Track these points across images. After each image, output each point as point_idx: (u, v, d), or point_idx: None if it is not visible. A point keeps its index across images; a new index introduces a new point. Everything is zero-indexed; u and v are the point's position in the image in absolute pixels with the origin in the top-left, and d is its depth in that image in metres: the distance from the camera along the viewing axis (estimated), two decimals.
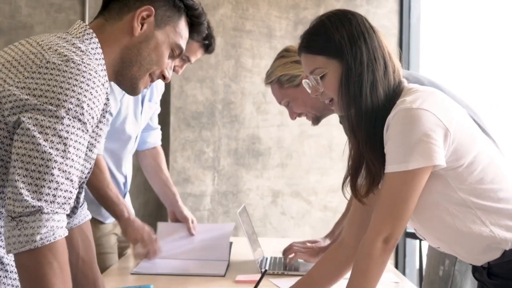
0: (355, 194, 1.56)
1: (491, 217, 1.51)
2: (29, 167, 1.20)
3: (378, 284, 1.52)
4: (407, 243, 3.72)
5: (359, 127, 1.52)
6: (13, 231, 1.19)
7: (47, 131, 1.22)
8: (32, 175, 1.20)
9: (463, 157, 1.49)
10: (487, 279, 1.56)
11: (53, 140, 1.22)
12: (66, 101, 1.24)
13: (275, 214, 3.75)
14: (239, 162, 3.73)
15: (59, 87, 1.24)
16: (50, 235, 1.20)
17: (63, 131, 1.23)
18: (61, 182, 1.22)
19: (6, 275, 1.31)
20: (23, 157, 1.21)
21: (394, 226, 1.47)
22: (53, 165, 1.21)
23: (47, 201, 1.20)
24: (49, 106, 1.23)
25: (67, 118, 1.24)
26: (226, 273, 2.13)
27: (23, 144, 1.21)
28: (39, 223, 1.19)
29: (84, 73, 1.27)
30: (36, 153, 1.21)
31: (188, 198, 3.62)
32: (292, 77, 2.14)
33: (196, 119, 3.69)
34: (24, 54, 1.30)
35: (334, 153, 3.72)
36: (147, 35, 1.41)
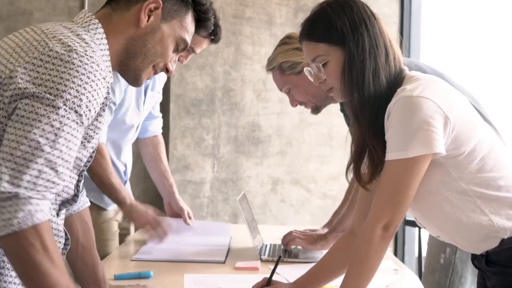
0: (359, 180, 1.57)
1: (491, 206, 1.51)
2: (14, 153, 1.20)
3: (377, 271, 1.53)
4: (407, 231, 3.73)
5: (362, 114, 1.52)
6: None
7: (40, 118, 1.21)
8: (16, 161, 1.20)
9: (463, 145, 1.49)
10: (486, 266, 1.57)
11: (45, 128, 1.22)
12: (65, 92, 1.24)
13: (275, 201, 3.75)
14: (239, 149, 3.73)
15: (60, 77, 1.24)
16: (28, 219, 1.20)
17: (57, 121, 1.23)
18: (44, 171, 1.22)
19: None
20: (12, 142, 1.21)
21: (394, 213, 1.47)
22: (39, 154, 1.21)
23: (26, 188, 1.20)
24: (47, 95, 1.23)
25: (63, 109, 1.23)
26: (226, 260, 2.14)
27: (15, 130, 1.21)
28: (15, 207, 1.19)
29: (86, 65, 1.27)
30: (24, 139, 1.20)
31: (187, 185, 3.62)
32: (293, 64, 2.13)
33: (196, 107, 3.68)
34: (28, 41, 1.30)
35: (334, 141, 3.72)
36: (153, 27, 1.42)
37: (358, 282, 1.52)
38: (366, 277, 1.51)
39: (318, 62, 1.56)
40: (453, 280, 2.26)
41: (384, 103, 1.50)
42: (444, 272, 2.27)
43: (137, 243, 2.37)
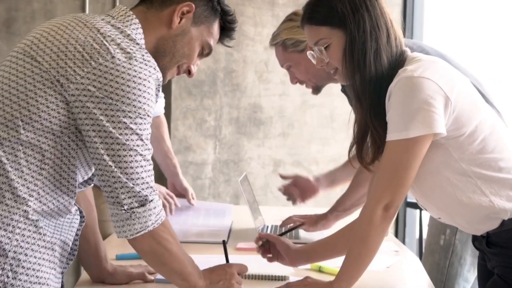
0: (361, 161, 1.58)
1: (492, 187, 1.51)
2: (122, 165, 1.36)
3: (378, 253, 1.54)
4: (408, 213, 3.74)
5: (364, 95, 1.53)
6: (127, 221, 1.38)
7: (126, 131, 1.36)
8: (127, 171, 1.36)
9: (464, 126, 1.49)
10: (486, 247, 1.57)
11: (133, 138, 1.37)
12: (135, 100, 1.35)
13: (276, 183, 3.75)
14: (241, 131, 3.73)
15: (127, 85, 1.34)
16: (158, 218, 1.41)
17: (138, 129, 1.37)
18: (148, 169, 1.39)
19: (40, 238, 1.38)
20: (114, 157, 1.36)
21: (395, 194, 1.48)
22: (140, 159, 1.38)
23: (147, 189, 1.38)
24: (123, 107, 1.34)
25: (139, 117, 1.36)
26: (228, 241, 2.15)
27: (109, 145, 1.36)
28: (149, 212, 1.39)
29: (145, 71, 1.37)
30: (124, 151, 1.36)
31: (189, 167, 3.63)
32: (297, 42, 2.13)
33: (197, 88, 3.68)
34: (87, 41, 1.36)
35: (335, 123, 3.72)
36: (184, 30, 1.49)
37: (358, 263, 1.53)
38: (366, 257, 1.52)
39: (320, 45, 1.57)
40: (452, 261, 2.27)
41: (385, 84, 1.51)
42: (444, 253, 2.28)
43: None
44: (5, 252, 1.32)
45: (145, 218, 1.38)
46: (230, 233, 2.27)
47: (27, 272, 1.35)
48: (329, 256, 1.74)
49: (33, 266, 1.36)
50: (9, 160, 1.34)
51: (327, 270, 1.77)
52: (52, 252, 1.40)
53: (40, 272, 1.37)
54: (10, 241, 1.33)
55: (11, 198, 1.34)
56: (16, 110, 1.35)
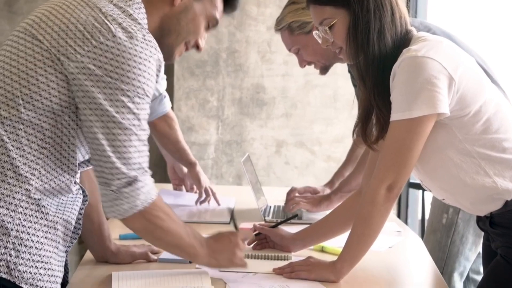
0: (365, 140, 1.58)
1: (495, 168, 1.51)
2: (115, 144, 1.36)
3: (380, 233, 1.54)
4: (410, 194, 3.75)
5: (367, 75, 1.53)
6: (116, 201, 1.38)
7: (123, 110, 1.35)
8: (119, 150, 1.36)
9: (468, 107, 1.49)
10: (490, 228, 1.57)
11: (129, 117, 1.36)
12: (135, 79, 1.35)
13: (279, 163, 3.76)
14: (243, 111, 3.72)
15: (127, 64, 1.34)
16: (148, 197, 1.40)
17: (135, 109, 1.36)
18: (142, 150, 1.39)
19: (42, 217, 1.38)
20: (108, 135, 1.35)
21: (398, 174, 1.48)
22: (134, 138, 1.37)
23: (137, 169, 1.38)
24: (122, 85, 1.34)
25: (137, 97, 1.36)
26: (230, 221, 2.16)
27: (104, 123, 1.35)
28: (137, 191, 1.38)
29: (146, 50, 1.36)
30: (119, 130, 1.35)
31: (192, 147, 3.63)
32: (303, 23, 2.11)
33: (200, 68, 3.66)
34: (88, 20, 1.36)
35: (339, 103, 3.71)
36: (186, 6, 1.48)
37: (361, 243, 1.53)
38: (369, 237, 1.52)
39: (325, 25, 1.57)
40: (454, 240, 2.28)
41: (390, 64, 1.50)
42: (446, 232, 2.29)
43: None
44: (8, 230, 1.33)
45: (133, 198, 1.38)
46: (233, 213, 2.27)
47: (29, 250, 1.35)
48: (325, 238, 1.75)
49: (36, 244, 1.37)
50: (10, 139, 1.35)
51: (330, 250, 1.77)
52: (54, 231, 1.41)
53: (42, 250, 1.38)
54: (12, 220, 1.34)
55: (13, 176, 1.35)
56: (17, 89, 1.35)
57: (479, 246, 2.28)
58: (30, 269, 1.35)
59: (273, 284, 1.51)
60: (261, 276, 1.58)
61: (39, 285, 1.37)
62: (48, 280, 1.39)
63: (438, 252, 2.30)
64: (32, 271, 1.36)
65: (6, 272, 1.32)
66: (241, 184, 3.64)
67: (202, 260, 1.53)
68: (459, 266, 2.29)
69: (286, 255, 1.73)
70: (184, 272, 1.56)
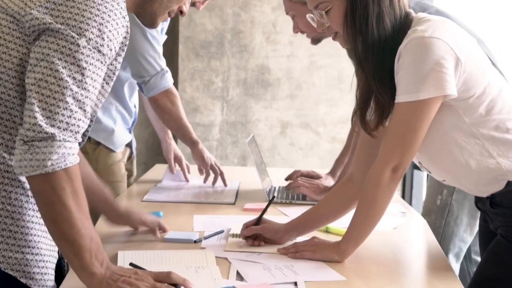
0: (365, 127, 1.56)
1: (499, 149, 1.51)
2: (44, 92, 1.22)
3: (385, 214, 1.54)
4: (414, 175, 3.75)
5: (366, 60, 1.50)
6: (25, 154, 1.21)
7: (66, 58, 1.23)
8: (47, 101, 1.21)
9: (473, 88, 1.48)
10: (490, 208, 1.57)
11: (71, 68, 1.23)
12: (88, 31, 1.24)
13: (284, 144, 3.76)
14: (248, 92, 3.72)
15: (81, 15, 1.24)
16: (61, 161, 1.22)
17: (82, 61, 1.24)
18: (75, 110, 1.24)
19: (27, 200, 1.34)
20: (40, 81, 1.22)
21: (403, 156, 1.48)
22: (68, 93, 1.23)
23: (60, 128, 1.22)
24: (72, 33, 1.23)
25: (87, 48, 1.24)
26: (235, 202, 2.16)
27: (41, 68, 1.22)
28: (50, 149, 1.20)
29: (106, 4, 1.27)
30: (53, 79, 1.22)
31: (196, 128, 3.63)
32: None
33: (205, 49, 3.65)
34: None
35: (343, 84, 3.70)
36: None
37: (365, 223, 1.53)
38: (374, 218, 1.53)
39: (321, 9, 1.54)
40: (448, 222, 2.29)
41: (390, 47, 1.48)
42: (440, 213, 2.30)
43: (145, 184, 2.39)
44: None
45: (44, 155, 1.20)
46: (238, 194, 2.28)
47: (14, 235, 1.30)
48: (318, 226, 1.72)
49: (21, 229, 1.31)
50: None
51: (334, 231, 1.78)
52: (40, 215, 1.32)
53: (29, 235, 1.32)
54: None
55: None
56: None
57: (475, 228, 2.29)
58: (15, 254, 1.30)
59: (278, 264, 1.51)
60: (266, 255, 1.58)
61: (26, 270, 1.32)
62: (37, 265, 1.34)
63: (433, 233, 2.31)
64: (17, 257, 1.31)
65: None
66: (245, 165, 3.65)
67: (91, 279, 1.24)
68: (453, 247, 2.30)
69: None
70: (189, 252, 1.57)
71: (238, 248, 1.62)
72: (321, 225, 1.73)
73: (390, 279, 1.47)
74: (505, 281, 1.52)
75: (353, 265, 1.53)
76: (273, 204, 2.00)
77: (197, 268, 1.45)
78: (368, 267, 1.53)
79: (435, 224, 2.29)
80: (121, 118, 2.35)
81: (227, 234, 1.73)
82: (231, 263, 1.52)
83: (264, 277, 1.43)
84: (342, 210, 1.69)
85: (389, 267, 1.55)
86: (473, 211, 2.27)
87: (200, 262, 1.50)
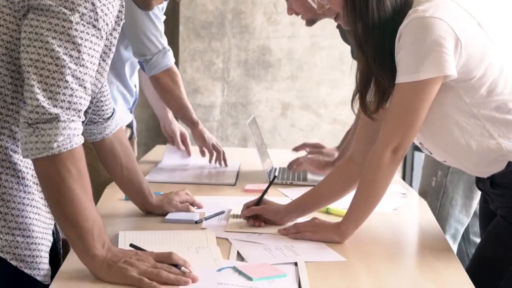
0: (365, 110, 1.56)
1: (500, 130, 1.51)
2: (43, 73, 1.20)
3: (385, 195, 1.55)
4: (415, 156, 3.75)
5: (366, 43, 1.49)
6: (30, 137, 1.20)
7: (61, 36, 1.20)
8: (47, 81, 1.20)
9: (475, 69, 1.47)
10: (490, 188, 1.58)
11: (67, 46, 1.21)
12: (80, 6, 1.21)
13: (285, 126, 3.76)
14: (249, 73, 3.71)
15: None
16: (67, 143, 1.21)
17: (77, 37, 1.21)
18: (75, 88, 1.22)
19: (18, 182, 1.32)
20: (37, 62, 1.20)
21: (404, 137, 1.48)
22: (67, 72, 1.21)
23: (63, 108, 1.21)
24: (63, 9, 1.20)
25: (81, 24, 1.22)
26: (236, 183, 2.17)
27: (36, 49, 1.20)
28: (55, 131, 1.20)
29: None
30: (50, 59, 1.20)
31: (197, 109, 3.63)
32: None
33: (205, 29, 3.64)
34: None
35: (345, 66, 3.68)
36: None
37: (366, 204, 1.54)
38: (374, 199, 1.53)
39: None
40: (443, 203, 2.30)
41: (391, 29, 1.48)
42: (435, 194, 2.31)
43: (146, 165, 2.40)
44: None
45: (50, 137, 1.19)
46: (238, 175, 2.29)
47: (4, 217, 1.29)
48: (318, 207, 1.72)
49: (12, 211, 1.29)
50: None
51: (335, 212, 1.79)
52: (33, 196, 1.33)
53: (20, 217, 1.30)
54: None
55: None
56: None
57: (470, 209, 2.31)
58: (5, 236, 1.28)
59: (278, 244, 1.52)
60: (266, 236, 1.59)
61: (16, 253, 1.30)
62: (28, 248, 1.31)
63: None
64: (8, 239, 1.29)
65: None
66: (246, 146, 3.65)
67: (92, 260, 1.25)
68: (449, 228, 2.31)
69: None
70: (190, 233, 1.57)
71: (239, 229, 1.63)
72: (321, 206, 1.73)
73: (390, 259, 1.47)
74: (504, 262, 1.53)
75: (353, 246, 1.54)
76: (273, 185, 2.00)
77: (198, 249, 1.46)
78: (368, 248, 1.53)
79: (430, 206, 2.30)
80: (122, 98, 2.34)
81: (227, 215, 1.74)
82: (231, 244, 1.52)
83: (264, 257, 1.44)
84: (343, 191, 1.69)
85: (389, 248, 1.56)
86: (468, 192, 2.28)
87: (201, 242, 1.51)
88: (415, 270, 1.49)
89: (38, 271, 1.33)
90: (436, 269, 1.41)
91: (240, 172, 2.33)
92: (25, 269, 1.31)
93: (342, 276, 1.35)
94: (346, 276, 1.35)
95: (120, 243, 1.49)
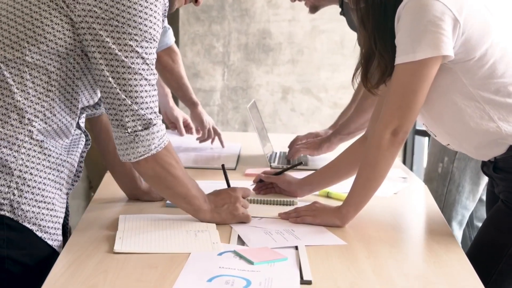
0: (366, 84, 1.57)
1: (500, 113, 1.50)
2: (126, 89, 1.38)
3: (386, 179, 1.55)
4: (416, 141, 3.75)
5: (368, 19, 1.51)
6: (130, 144, 1.41)
7: (131, 54, 1.37)
8: (131, 95, 1.38)
9: (474, 50, 1.47)
10: (493, 173, 1.58)
11: (138, 62, 1.38)
12: (142, 24, 1.36)
13: (285, 110, 3.75)
14: (249, 57, 3.69)
15: (133, 8, 1.35)
16: (161, 142, 1.43)
17: (144, 53, 1.38)
18: (152, 94, 1.42)
19: (45, 158, 1.41)
20: (119, 80, 1.37)
21: (403, 118, 1.47)
22: (145, 83, 1.39)
23: (152, 113, 1.41)
24: (129, 29, 1.35)
25: (144, 41, 1.37)
26: (236, 167, 2.17)
27: (113, 68, 1.37)
28: (152, 135, 1.41)
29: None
30: (129, 75, 1.38)
31: (197, 93, 3.62)
32: None
33: (205, 13, 3.62)
34: None
35: (346, 50, 3.67)
36: None
37: (366, 188, 1.54)
38: (374, 182, 1.53)
39: None
40: (450, 189, 2.29)
41: (391, 7, 1.48)
42: (442, 181, 2.31)
43: None
44: (11, 170, 1.36)
45: (149, 142, 1.41)
46: (239, 159, 2.28)
47: (32, 190, 1.39)
48: (331, 183, 1.77)
49: (38, 185, 1.40)
50: (15, 82, 1.37)
51: (335, 196, 1.79)
52: (58, 173, 1.44)
53: (45, 191, 1.41)
54: (15, 160, 1.37)
55: (16, 118, 1.37)
56: (22, 32, 1.36)
57: (477, 195, 2.30)
58: (33, 208, 1.39)
59: (279, 228, 1.52)
60: (267, 220, 1.59)
61: (41, 224, 1.40)
62: (51, 220, 1.42)
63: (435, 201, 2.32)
64: (34, 211, 1.39)
65: (10, 210, 1.36)
66: (247, 130, 3.65)
67: (205, 214, 1.53)
68: (456, 214, 2.31)
69: (292, 200, 1.74)
70: (190, 216, 1.57)
71: None
72: (335, 181, 1.77)
73: (390, 244, 1.47)
74: (504, 247, 1.53)
75: (353, 230, 1.54)
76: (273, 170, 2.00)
77: (197, 232, 1.46)
78: (369, 232, 1.54)
79: (437, 192, 2.30)
80: None
81: None
82: (232, 228, 1.52)
83: (265, 241, 1.44)
84: (355, 168, 1.69)
85: (390, 232, 1.56)
86: (475, 178, 2.27)
87: (200, 226, 1.51)
88: (416, 253, 1.50)
89: (57, 242, 1.45)
90: (436, 253, 1.42)
91: (241, 156, 2.33)
92: (48, 240, 1.42)
93: (342, 260, 1.35)
94: (346, 260, 1.35)
95: (120, 226, 1.50)
